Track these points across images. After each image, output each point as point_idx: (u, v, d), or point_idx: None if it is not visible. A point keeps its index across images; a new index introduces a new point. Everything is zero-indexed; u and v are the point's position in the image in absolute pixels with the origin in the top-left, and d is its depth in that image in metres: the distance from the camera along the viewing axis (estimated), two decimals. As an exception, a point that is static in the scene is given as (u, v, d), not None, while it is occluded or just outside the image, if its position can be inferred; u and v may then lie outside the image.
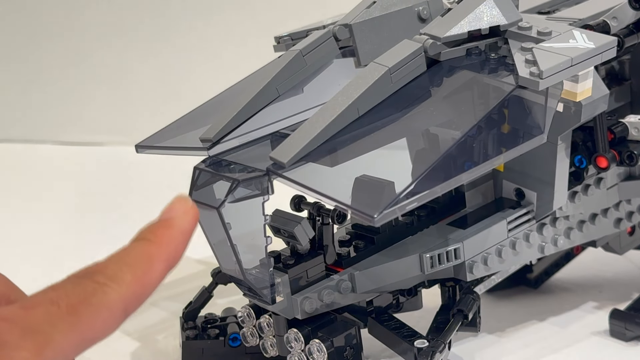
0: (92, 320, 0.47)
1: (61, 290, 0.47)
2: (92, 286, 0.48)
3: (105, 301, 0.47)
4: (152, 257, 0.51)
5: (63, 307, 0.46)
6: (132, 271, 0.50)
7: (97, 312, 0.47)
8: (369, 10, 0.71)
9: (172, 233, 0.52)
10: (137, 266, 0.50)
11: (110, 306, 0.48)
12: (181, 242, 0.52)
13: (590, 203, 0.80)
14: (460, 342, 0.79)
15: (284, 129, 0.69)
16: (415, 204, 0.59)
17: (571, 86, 0.67)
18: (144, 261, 0.51)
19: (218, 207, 0.62)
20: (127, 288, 0.49)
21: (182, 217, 0.53)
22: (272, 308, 0.68)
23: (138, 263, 0.51)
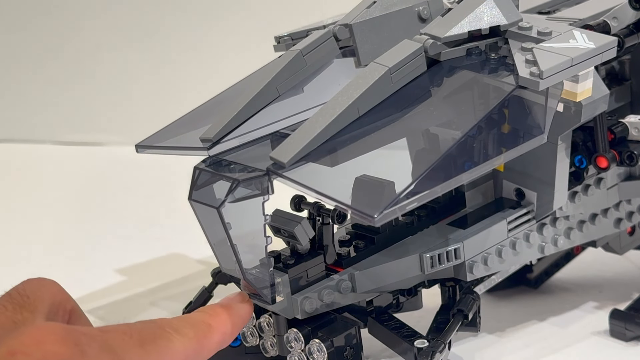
0: (157, 357, 0.51)
1: (133, 327, 0.52)
2: (160, 332, 0.52)
3: (170, 347, 0.52)
4: (211, 325, 0.58)
5: (135, 339, 0.50)
6: (195, 331, 0.56)
7: (163, 353, 0.51)
8: (369, 10, 0.71)
9: (230, 312, 0.60)
10: (198, 328, 0.56)
11: (173, 352, 0.52)
12: (236, 323, 0.60)
13: (591, 203, 0.80)
14: (460, 342, 0.79)
15: (284, 129, 0.69)
16: (416, 204, 0.59)
17: (571, 86, 0.67)
18: (205, 326, 0.57)
19: (218, 207, 0.62)
20: (189, 342, 0.54)
21: (240, 305, 0.62)
22: (272, 308, 0.68)
23: (199, 326, 0.57)
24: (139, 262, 1.01)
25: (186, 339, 0.54)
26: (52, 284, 0.55)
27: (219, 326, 0.58)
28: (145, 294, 0.93)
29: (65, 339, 0.45)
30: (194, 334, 0.55)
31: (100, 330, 0.49)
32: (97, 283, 0.95)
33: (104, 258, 1.03)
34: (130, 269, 0.99)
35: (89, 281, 0.95)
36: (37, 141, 1.47)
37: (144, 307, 0.90)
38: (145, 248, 1.04)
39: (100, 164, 1.38)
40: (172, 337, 0.53)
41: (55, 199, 1.24)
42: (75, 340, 0.46)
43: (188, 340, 0.54)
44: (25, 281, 0.54)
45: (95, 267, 1.00)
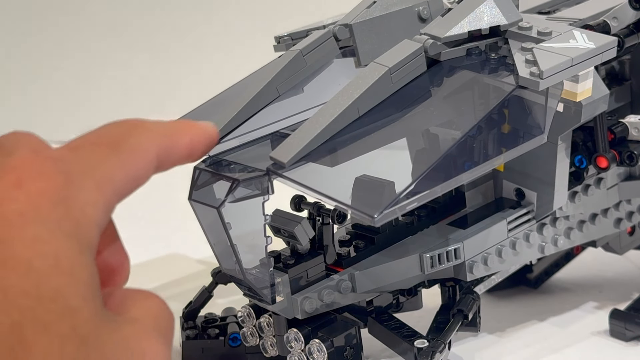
0: (133, 157, 0.47)
1: (100, 132, 0.47)
2: (127, 128, 0.48)
3: (141, 142, 0.48)
4: (180, 129, 0.52)
5: (105, 145, 0.46)
6: (163, 128, 0.51)
7: (135, 150, 0.47)
8: (369, 10, 0.71)
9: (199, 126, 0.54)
10: (167, 127, 0.52)
11: (144, 147, 0.48)
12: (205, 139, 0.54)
13: (591, 203, 0.80)
14: (460, 342, 0.79)
15: (284, 128, 0.69)
16: (416, 203, 0.59)
17: (571, 86, 0.67)
18: (173, 129, 0.52)
19: (218, 207, 0.62)
20: (159, 138, 0.50)
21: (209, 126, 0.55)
22: (272, 308, 0.68)
23: (168, 127, 0.52)
24: (139, 262, 1.01)
25: (154, 134, 0.50)
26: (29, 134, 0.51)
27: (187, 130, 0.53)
28: (145, 294, 0.93)
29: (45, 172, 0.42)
30: (163, 130, 0.51)
31: (71, 150, 0.45)
32: (97, 283, 0.95)
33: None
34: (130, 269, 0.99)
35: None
36: (37, 141, 1.47)
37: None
38: (145, 248, 1.04)
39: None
40: (141, 131, 0.49)
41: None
42: (56, 169, 0.42)
43: (157, 135, 0.50)
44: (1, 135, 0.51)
45: (95, 267, 1.00)
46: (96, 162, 0.45)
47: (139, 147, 0.48)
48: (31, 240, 0.39)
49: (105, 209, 0.44)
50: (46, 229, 0.40)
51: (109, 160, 0.46)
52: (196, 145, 0.53)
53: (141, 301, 0.48)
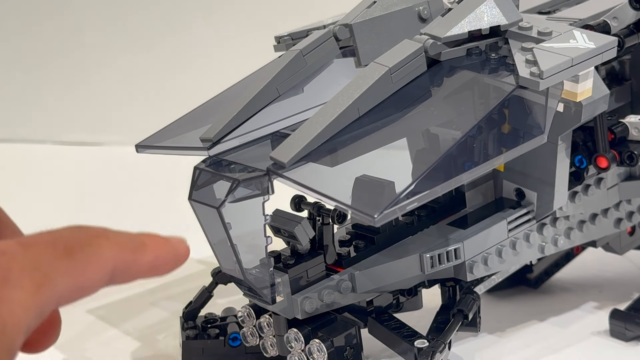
0: (86, 267, 0.46)
1: (58, 234, 0.47)
2: (88, 238, 0.47)
3: (99, 253, 0.47)
4: (145, 242, 0.51)
5: (60, 249, 0.45)
6: (126, 241, 0.50)
7: (90, 261, 0.46)
8: (369, 10, 0.71)
9: (167, 241, 0.53)
10: (131, 240, 0.50)
11: (101, 259, 0.47)
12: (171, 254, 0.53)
13: (591, 203, 0.80)
14: (460, 342, 0.79)
15: (284, 129, 0.69)
16: (416, 204, 0.59)
17: (571, 86, 0.67)
18: (138, 241, 0.51)
19: (218, 207, 0.62)
20: (120, 252, 0.49)
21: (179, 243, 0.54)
22: (272, 308, 0.68)
23: (133, 239, 0.51)
24: (138, 262, 1.01)
25: (116, 246, 0.48)
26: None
27: (153, 246, 0.52)
28: (145, 294, 0.93)
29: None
30: (125, 244, 0.49)
31: (21, 245, 0.44)
32: (97, 283, 0.95)
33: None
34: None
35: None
36: (37, 141, 1.47)
37: (144, 307, 0.90)
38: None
39: (100, 164, 1.38)
40: (101, 243, 0.48)
41: (55, 199, 1.24)
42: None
43: (118, 248, 0.49)
44: None
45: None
46: (43, 264, 0.44)
47: (95, 258, 0.47)
48: None
49: (39, 312, 0.43)
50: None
51: (58, 264, 0.45)
52: (160, 264, 0.51)
53: None
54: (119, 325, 0.87)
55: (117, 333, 0.86)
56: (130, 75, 1.47)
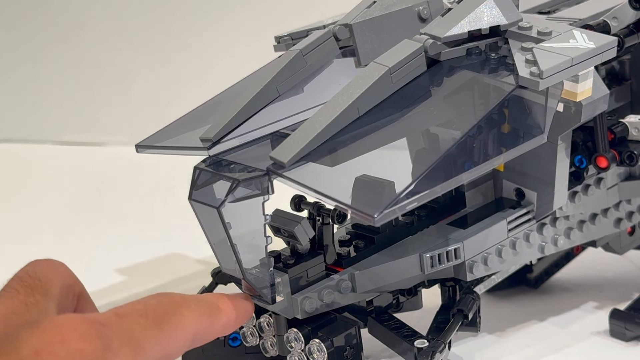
0: (172, 335, 0.51)
1: (147, 305, 0.51)
2: (172, 307, 0.52)
3: (183, 322, 0.52)
4: (219, 306, 0.57)
5: (150, 319, 0.50)
6: (204, 308, 0.55)
7: (176, 330, 0.51)
8: (369, 10, 0.71)
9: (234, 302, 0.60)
10: (208, 305, 0.56)
11: (185, 327, 0.52)
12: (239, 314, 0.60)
13: (591, 203, 0.80)
14: (460, 342, 0.79)
15: (284, 128, 0.69)
16: (416, 203, 0.59)
17: (571, 86, 0.67)
18: (213, 305, 0.57)
19: (218, 207, 0.62)
20: (200, 318, 0.54)
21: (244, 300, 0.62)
22: (272, 308, 0.68)
23: (209, 304, 0.57)
24: (139, 262, 1.01)
25: (197, 315, 0.54)
26: (60, 265, 0.54)
27: (226, 309, 0.58)
28: (145, 294, 0.92)
29: (87, 335, 0.45)
30: (204, 311, 0.55)
31: (117, 316, 0.49)
32: (97, 283, 0.95)
33: (104, 258, 1.03)
34: (130, 269, 0.99)
35: (89, 281, 0.94)
36: (37, 141, 1.47)
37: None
38: (145, 248, 1.04)
39: (100, 164, 1.38)
40: (184, 312, 0.53)
41: (55, 199, 1.24)
42: (97, 335, 0.46)
43: (199, 316, 0.54)
44: (33, 262, 0.53)
45: (95, 267, 1.00)
46: (137, 333, 0.48)
47: (180, 327, 0.52)
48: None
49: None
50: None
51: (150, 333, 0.49)
52: (231, 324, 0.58)
53: None
54: (119, 325, 0.86)
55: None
56: (131, 75, 1.47)
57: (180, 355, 0.54)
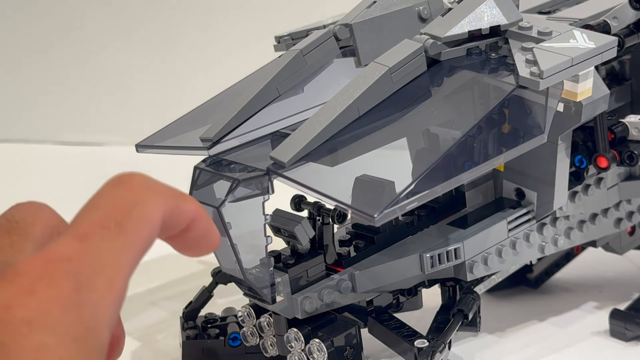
0: (139, 233, 0.46)
1: (104, 208, 0.46)
2: (132, 196, 0.47)
3: (145, 212, 0.46)
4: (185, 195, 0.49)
5: (112, 228, 0.45)
6: (166, 187, 0.48)
7: (141, 223, 0.46)
8: (370, 10, 0.71)
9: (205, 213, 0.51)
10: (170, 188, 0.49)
11: (151, 215, 0.47)
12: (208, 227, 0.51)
13: (591, 203, 0.80)
14: (460, 342, 0.79)
15: (284, 128, 0.69)
16: (416, 203, 0.59)
17: (571, 86, 0.67)
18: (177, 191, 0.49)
19: (218, 207, 0.62)
20: (164, 198, 0.48)
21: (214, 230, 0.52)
22: (272, 308, 0.68)
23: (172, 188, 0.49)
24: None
25: (160, 195, 0.47)
26: (43, 206, 0.49)
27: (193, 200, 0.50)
28: (145, 294, 0.93)
29: (54, 278, 0.42)
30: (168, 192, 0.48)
31: (79, 241, 0.44)
32: (97, 283, 0.95)
33: (104, 258, 1.03)
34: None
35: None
36: (37, 141, 1.47)
37: (144, 307, 0.90)
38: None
39: (100, 164, 1.38)
40: (145, 198, 0.47)
41: (55, 199, 1.24)
42: (64, 275, 0.42)
43: (162, 197, 0.48)
44: (14, 205, 0.49)
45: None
46: (106, 253, 0.44)
47: (144, 216, 0.46)
48: (35, 349, 0.39)
49: (116, 304, 0.44)
50: (54, 336, 0.40)
51: (117, 247, 0.45)
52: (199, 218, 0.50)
53: None
54: (119, 325, 0.86)
55: (116, 333, 0.85)
56: (131, 75, 1.47)
57: (154, 242, 0.49)
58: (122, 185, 0.48)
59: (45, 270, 0.42)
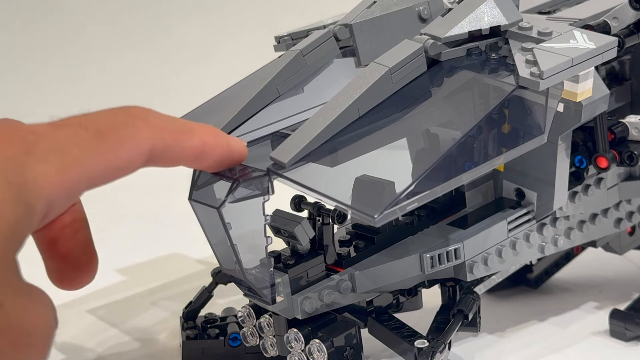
0: (118, 148, 0.45)
1: (93, 117, 0.47)
2: (125, 118, 0.47)
3: (135, 135, 0.46)
4: (193, 130, 0.49)
5: (91, 131, 0.45)
6: (170, 122, 0.48)
7: (124, 142, 0.46)
8: (370, 10, 0.71)
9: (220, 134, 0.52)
10: (177, 124, 0.49)
11: (137, 140, 0.46)
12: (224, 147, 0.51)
13: (591, 203, 0.80)
14: (460, 342, 0.79)
15: (284, 129, 0.69)
16: (416, 204, 0.59)
17: (571, 86, 0.67)
18: (186, 126, 0.49)
19: (218, 207, 0.62)
20: (160, 131, 0.47)
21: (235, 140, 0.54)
22: (272, 308, 0.68)
23: (179, 123, 0.49)
24: (139, 262, 1.01)
25: (156, 129, 0.47)
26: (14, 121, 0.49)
27: (202, 134, 0.50)
28: (145, 294, 0.93)
29: (11, 139, 0.43)
30: (169, 127, 0.48)
31: (52, 127, 0.45)
32: (97, 283, 0.95)
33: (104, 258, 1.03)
34: (130, 269, 0.99)
35: (89, 281, 0.94)
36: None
37: (144, 307, 0.90)
38: (145, 248, 1.04)
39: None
40: (138, 124, 0.47)
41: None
42: (20, 139, 0.43)
43: (159, 130, 0.47)
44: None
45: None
46: (72, 144, 0.44)
47: (131, 140, 0.46)
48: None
49: (65, 190, 0.44)
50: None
51: (88, 145, 0.45)
52: (209, 152, 0.50)
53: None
54: (119, 325, 0.87)
55: (117, 333, 0.85)
56: (130, 75, 1.47)
57: (133, 170, 0.48)
58: (123, 109, 0.48)
59: (7, 131, 0.43)
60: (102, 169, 0.46)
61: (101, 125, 0.46)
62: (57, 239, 0.48)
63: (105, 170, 0.46)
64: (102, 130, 0.46)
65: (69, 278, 0.50)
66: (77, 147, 0.44)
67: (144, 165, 0.48)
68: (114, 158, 0.46)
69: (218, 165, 0.52)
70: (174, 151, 0.49)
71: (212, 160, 0.51)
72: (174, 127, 0.49)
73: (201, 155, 0.50)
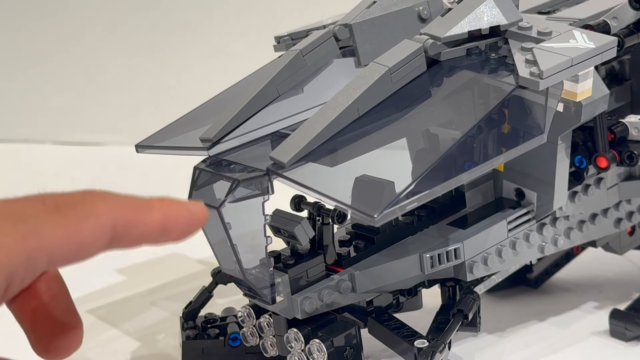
0: (78, 221, 0.45)
1: (50, 194, 0.46)
2: (83, 197, 0.46)
3: (94, 211, 0.46)
4: (151, 205, 0.49)
5: (49, 205, 0.45)
6: (127, 201, 0.48)
7: (84, 217, 0.45)
8: (369, 10, 0.71)
9: (181, 203, 0.51)
10: (136, 200, 0.48)
11: (98, 216, 0.46)
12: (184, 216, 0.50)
13: (591, 203, 0.80)
14: (460, 342, 0.79)
15: (284, 129, 0.69)
16: (416, 203, 0.59)
17: (571, 86, 0.67)
18: (142, 203, 0.49)
19: (218, 207, 0.62)
20: (119, 208, 0.47)
21: (195, 205, 0.51)
22: (272, 308, 0.68)
23: (138, 199, 0.49)
24: (139, 262, 1.01)
25: (114, 205, 0.46)
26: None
27: (162, 207, 0.49)
28: (145, 294, 0.93)
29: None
30: (127, 203, 0.47)
31: (6, 201, 0.44)
32: (97, 283, 0.95)
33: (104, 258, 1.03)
34: (130, 269, 0.99)
35: (89, 281, 0.95)
36: (37, 141, 1.47)
37: (144, 307, 0.90)
38: (145, 248, 1.04)
39: (100, 164, 1.38)
40: (97, 202, 0.46)
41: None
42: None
43: (118, 207, 0.46)
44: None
45: (95, 267, 1.00)
46: (29, 216, 0.43)
47: (91, 214, 0.45)
48: None
49: (25, 260, 0.43)
50: None
51: (46, 217, 0.44)
52: (172, 225, 0.49)
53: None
54: (119, 325, 0.87)
55: (117, 333, 0.86)
56: (131, 75, 1.47)
57: (98, 249, 0.46)
58: (81, 191, 0.47)
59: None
60: (63, 242, 0.44)
61: (59, 201, 0.45)
62: (35, 309, 0.48)
63: (65, 243, 0.45)
64: (60, 205, 0.45)
65: (55, 346, 0.49)
66: (34, 218, 0.44)
67: (108, 244, 0.47)
68: (74, 231, 0.45)
69: (186, 234, 0.51)
70: (137, 228, 0.48)
71: (178, 230, 0.50)
72: (132, 203, 0.48)
73: (166, 228, 0.49)
